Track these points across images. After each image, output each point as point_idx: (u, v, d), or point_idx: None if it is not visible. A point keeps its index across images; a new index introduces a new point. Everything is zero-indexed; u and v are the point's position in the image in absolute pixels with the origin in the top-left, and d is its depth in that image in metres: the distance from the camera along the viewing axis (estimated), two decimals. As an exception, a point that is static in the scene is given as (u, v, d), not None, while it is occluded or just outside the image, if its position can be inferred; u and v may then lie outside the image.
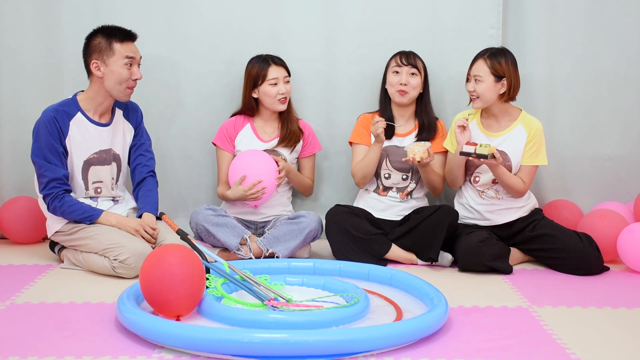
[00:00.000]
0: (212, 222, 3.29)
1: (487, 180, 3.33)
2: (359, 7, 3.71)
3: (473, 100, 3.29)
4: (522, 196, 3.34)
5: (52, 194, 3.07)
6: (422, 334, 2.32)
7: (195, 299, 2.42)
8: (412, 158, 3.23)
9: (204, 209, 3.33)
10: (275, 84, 3.42)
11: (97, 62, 3.08)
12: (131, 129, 3.30)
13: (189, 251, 2.50)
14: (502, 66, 3.24)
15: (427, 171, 3.36)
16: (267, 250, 3.28)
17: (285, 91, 3.44)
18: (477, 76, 3.24)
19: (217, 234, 3.28)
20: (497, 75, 3.23)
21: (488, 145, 3.14)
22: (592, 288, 2.99)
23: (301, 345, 2.15)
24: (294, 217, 3.38)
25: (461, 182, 3.39)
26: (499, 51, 3.28)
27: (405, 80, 3.39)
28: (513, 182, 3.25)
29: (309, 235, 3.35)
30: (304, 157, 3.60)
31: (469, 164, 3.35)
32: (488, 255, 3.16)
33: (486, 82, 3.23)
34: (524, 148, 3.29)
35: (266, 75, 3.42)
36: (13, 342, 2.29)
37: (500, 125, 3.34)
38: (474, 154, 3.14)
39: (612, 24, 3.75)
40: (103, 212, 3.15)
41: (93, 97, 3.15)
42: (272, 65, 3.44)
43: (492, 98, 3.26)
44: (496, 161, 3.16)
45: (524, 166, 3.31)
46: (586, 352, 2.28)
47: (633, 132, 3.83)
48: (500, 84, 3.25)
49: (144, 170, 3.30)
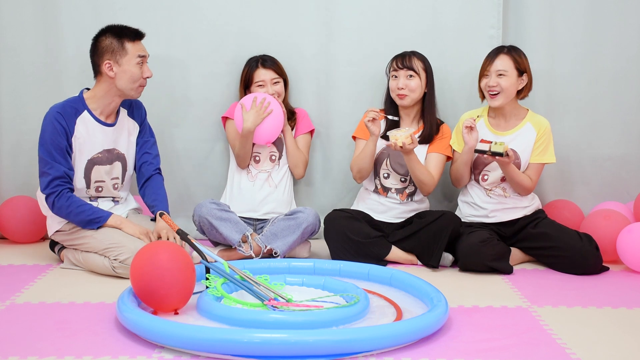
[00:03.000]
0: (215, 215, 3.29)
1: (495, 178, 3.34)
2: (359, 7, 3.71)
3: (493, 97, 3.30)
4: (529, 194, 3.36)
5: (55, 192, 3.06)
6: (422, 334, 2.32)
7: (189, 291, 2.48)
8: (394, 143, 3.19)
9: (209, 203, 3.33)
10: (262, 85, 3.50)
11: (109, 62, 3.08)
12: (136, 127, 3.30)
13: (175, 245, 2.55)
14: (524, 61, 3.32)
15: (411, 159, 3.28)
16: (265, 247, 3.28)
17: (273, 92, 3.49)
18: (501, 71, 3.27)
19: (220, 228, 3.28)
20: (520, 70, 3.29)
21: (502, 143, 3.16)
22: (592, 288, 2.99)
23: (301, 345, 2.15)
24: (291, 214, 3.40)
25: (466, 180, 3.40)
26: (515, 47, 3.36)
27: (402, 84, 3.37)
28: (522, 180, 3.28)
29: (307, 230, 3.35)
30: (298, 134, 3.62)
31: (477, 161, 3.36)
32: (489, 256, 3.17)
33: (511, 76, 3.28)
34: (533, 146, 3.32)
35: (253, 77, 3.52)
36: (13, 342, 2.29)
37: (509, 124, 3.37)
38: (489, 151, 3.16)
39: (612, 24, 3.75)
40: (112, 215, 3.14)
41: (101, 97, 3.15)
42: (259, 68, 3.51)
43: (513, 94, 3.30)
44: (509, 159, 3.18)
45: (532, 164, 3.34)
46: (586, 352, 2.28)
47: (633, 132, 3.84)
48: (521, 80, 3.30)
49: (150, 168, 3.30)
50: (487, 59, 3.35)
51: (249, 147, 3.48)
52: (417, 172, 3.32)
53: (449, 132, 3.46)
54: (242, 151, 3.48)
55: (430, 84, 3.44)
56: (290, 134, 3.54)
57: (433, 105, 3.45)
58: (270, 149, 3.55)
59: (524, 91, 3.35)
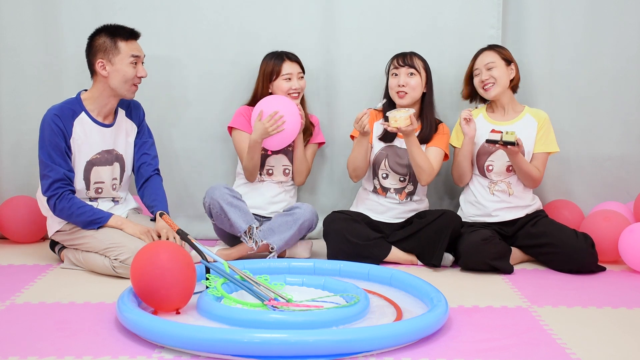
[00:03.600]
0: (227, 201, 3.26)
1: (501, 167, 3.36)
2: (360, 8, 3.71)
3: (488, 89, 3.36)
4: (537, 185, 3.41)
5: (56, 194, 3.06)
6: (422, 334, 2.32)
7: (190, 290, 2.48)
8: (393, 125, 3.15)
9: (223, 187, 3.30)
10: (289, 79, 3.47)
11: (102, 61, 3.08)
12: (134, 127, 3.30)
13: (176, 245, 2.55)
14: (507, 52, 3.42)
15: (411, 142, 3.25)
16: (261, 241, 3.27)
17: (298, 87, 3.49)
18: (489, 64, 3.36)
19: (230, 213, 3.26)
20: (506, 60, 3.37)
21: (513, 132, 3.18)
22: (592, 288, 2.99)
23: (301, 345, 2.15)
24: (289, 209, 3.41)
25: (469, 177, 3.41)
26: (494, 44, 3.47)
27: (403, 82, 3.37)
28: (530, 169, 3.31)
29: (304, 226, 3.35)
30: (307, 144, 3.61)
31: (480, 151, 3.39)
32: (490, 254, 3.17)
33: (499, 66, 3.36)
34: (535, 136, 3.36)
35: (280, 70, 3.47)
36: (13, 342, 2.29)
37: (507, 116, 3.42)
38: (501, 141, 3.17)
39: (611, 24, 3.75)
40: (112, 215, 3.14)
41: (97, 97, 3.15)
42: (286, 61, 3.48)
43: (506, 83, 3.38)
44: (518, 148, 3.21)
45: (537, 154, 3.38)
46: (586, 352, 2.28)
47: (633, 131, 3.84)
48: (510, 68, 3.38)
49: (149, 169, 3.30)
50: (472, 61, 3.45)
51: (257, 160, 3.43)
52: (417, 156, 3.27)
53: (448, 130, 3.47)
54: (250, 163, 3.43)
55: (429, 84, 3.44)
56: (301, 145, 3.51)
57: (432, 106, 3.44)
58: (283, 162, 3.53)
59: (514, 80, 3.42)
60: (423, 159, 3.29)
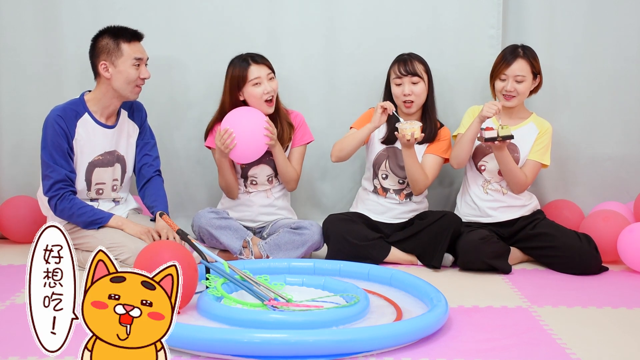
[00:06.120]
0: (214, 225, 3.27)
1: (493, 167, 3.36)
2: (359, 7, 3.71)
3: (508, 99, 3.33)
4: (523, 191, 3.37)
5: (57, 195, 3.07)
6: (422, 334, 2.32)
7: (191, 290, 2.48)
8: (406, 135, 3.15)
9: (207, 212, 3.30)
10: (258, 83, 3.29)
11: (105, 63, 3.08)
12: (136, 128, 3.30)
13: (178, 245, 2.56)
14: (538, 62, 3.37)
15: (411, 154, 3.25)
16: (266, 256, 3.26)
17: (270, 89, 3.29)
18: (519, 76, 3.30)
19: (221, 237, 3.27)
20: (534, 73, 3.34)
21: (507, 125, 3.18)
22: (592, 288, 2.99)
23: (301, 345, 2.15)
24: (297, 227, 3.32)
25: (466, 160, 3.36)
26: (528, 48, 3.38)
27: (408, 91, 3.35)
28: (516, 170, 3.28)
29: (311, 247, 3.31)
30: (293, 146, 3.48)
31: (476, 151, 3.38)
32: (488, 253, 3.16)
33: (528, 81, 3.32)
34: (533, 142, 3.35)
35: (247, 76, 3.29)
36: (13, 342, 2.29)
37: (512, 121, 3.39)
38: (499, 137, 3.16)
39: (611, 24, 3.75)
40: (113, 215, 3.14)
41: (100, 99, 3.15)
42: (252, 65, 3.30)
43: (526, 95, 3.38)
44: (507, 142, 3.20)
45: (529, 160, 3.36)
46: (586, 352, 2.28)
47: (633, 132, 3.84)
48: (534, 82, 3.37)
49: (151, 170, 3.30)
50: (503, 61, 3.33)
51: (228, 177, 3.34)
52: (413, 168, 3.29)
53: (448, 135, 3.46)
54: (223, 182, 3.37)
55: (430, 86, 3.43)
56: (280, 152, 3.33)
57: (433, 107, 3.44)
58: (266, 172, 3.43)
59: (534, 90, 3.41)
60: (418, 172, 3.31)
